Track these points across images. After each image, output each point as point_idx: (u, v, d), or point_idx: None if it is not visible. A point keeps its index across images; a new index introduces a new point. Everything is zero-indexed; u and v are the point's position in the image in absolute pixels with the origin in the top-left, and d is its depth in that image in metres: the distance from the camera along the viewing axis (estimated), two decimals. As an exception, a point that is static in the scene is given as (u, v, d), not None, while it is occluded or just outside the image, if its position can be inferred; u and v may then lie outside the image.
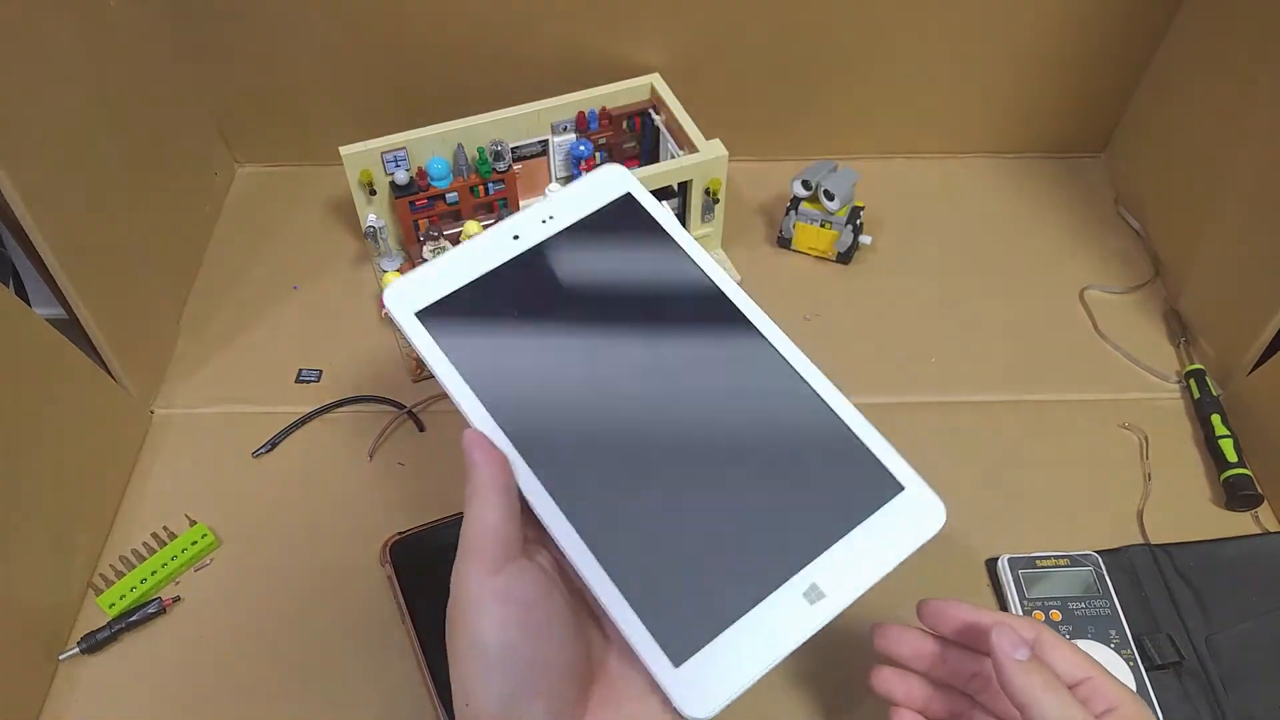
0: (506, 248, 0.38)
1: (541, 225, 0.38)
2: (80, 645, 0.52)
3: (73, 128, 0.56)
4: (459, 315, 0.37)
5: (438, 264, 0.38)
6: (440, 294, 0.37)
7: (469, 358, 0.36)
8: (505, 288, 0.37)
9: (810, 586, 0.32)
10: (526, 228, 0.38)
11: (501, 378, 0.36)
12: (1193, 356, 0.65)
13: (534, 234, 0.38)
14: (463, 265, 0.38)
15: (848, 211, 0.69)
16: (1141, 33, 0.70)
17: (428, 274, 0.37)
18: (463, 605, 0.32)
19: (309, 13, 0.68)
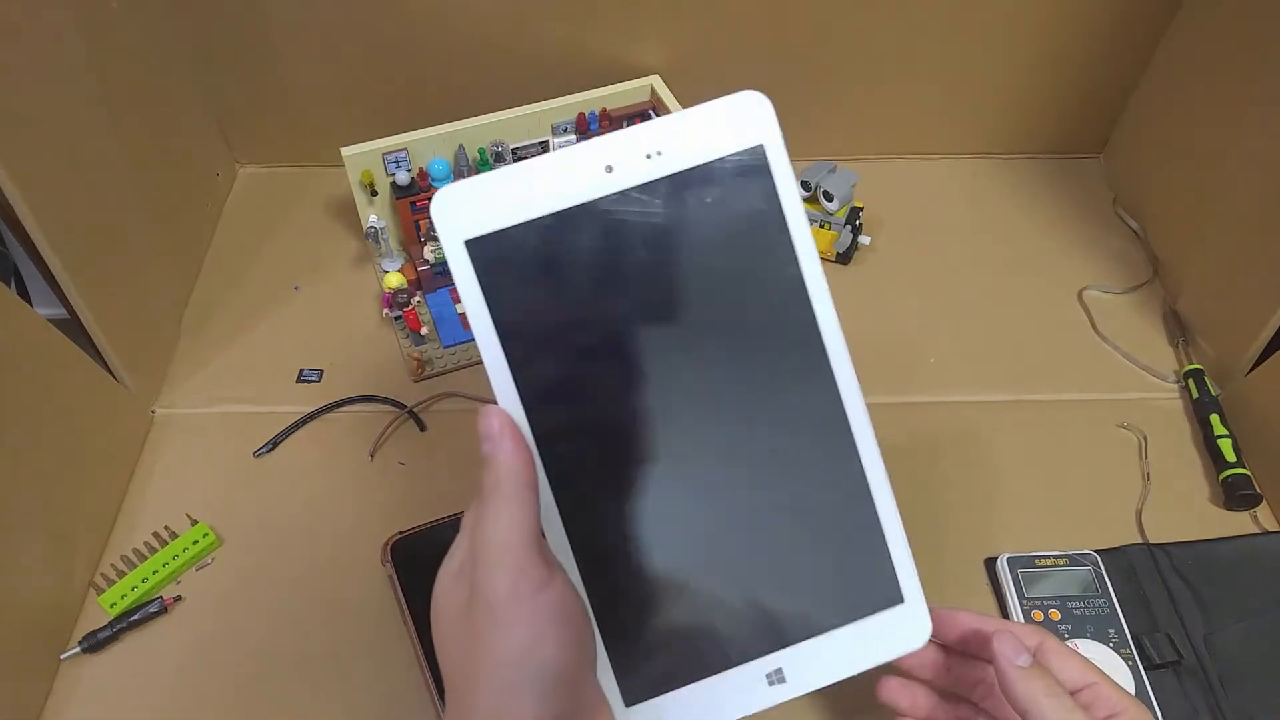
0: (595, 181, 0.31)
1: (645, 161, 0.31)
2: (82, 644, 0.52)
3: (74, 128, 0.56)
4: (516, 257, 0.30)
5: (507, 177, 0.30)
6: (502, 223, 0.30)
7: (513, 316, 0.30)
8: (579, 236, 0.30)
9: (775, 670, 0.31)
10: (625, 160, 0.31)
11: (542, 353, 0.30)
12: (1191, 356, 0.65)
13: (632, 171, 0.31)
14: (537, 188, 0.30)
15: (847, 212, 0.69)
16: (1140, 34, 0.71)
17: (492, 188, 0.30)
18: (501, 620, 0.28)
19: (311, 14, 0.68)
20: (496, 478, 0.30)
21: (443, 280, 0.69)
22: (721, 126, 0.34)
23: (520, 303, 0.30)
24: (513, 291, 0.30)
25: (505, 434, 0.30)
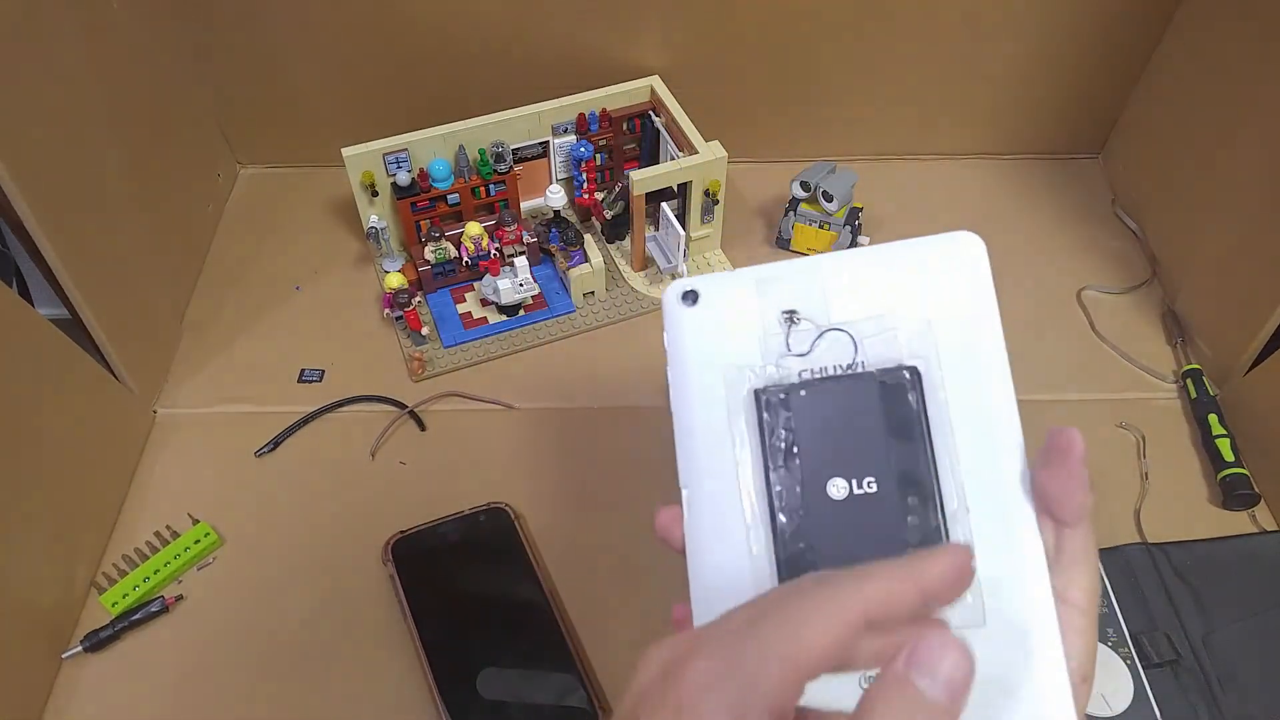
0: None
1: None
2: (83, 644, 0.52)
3: (76, 128, 0.56)
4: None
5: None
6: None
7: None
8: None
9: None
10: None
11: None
12: (1190, 356, 0.65)
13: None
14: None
15: (846, 213, 0.69)
16: (1138, 35, 0.71)
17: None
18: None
19: (312, 15, 0.68)
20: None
21: (443, 280, 0.69)
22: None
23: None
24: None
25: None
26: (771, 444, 0.32)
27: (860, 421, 0.31)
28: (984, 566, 0.30)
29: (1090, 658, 0.30)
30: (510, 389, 0.64)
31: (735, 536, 0.32)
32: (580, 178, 0.72)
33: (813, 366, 0.32)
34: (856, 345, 0.32)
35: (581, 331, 0.68)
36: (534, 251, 0.70)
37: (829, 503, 0.31)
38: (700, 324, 0.33)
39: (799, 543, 0.31)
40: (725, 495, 0.32)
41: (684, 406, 0.33)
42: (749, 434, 0.32)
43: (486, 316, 0.68)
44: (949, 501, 0.31)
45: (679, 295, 0.33)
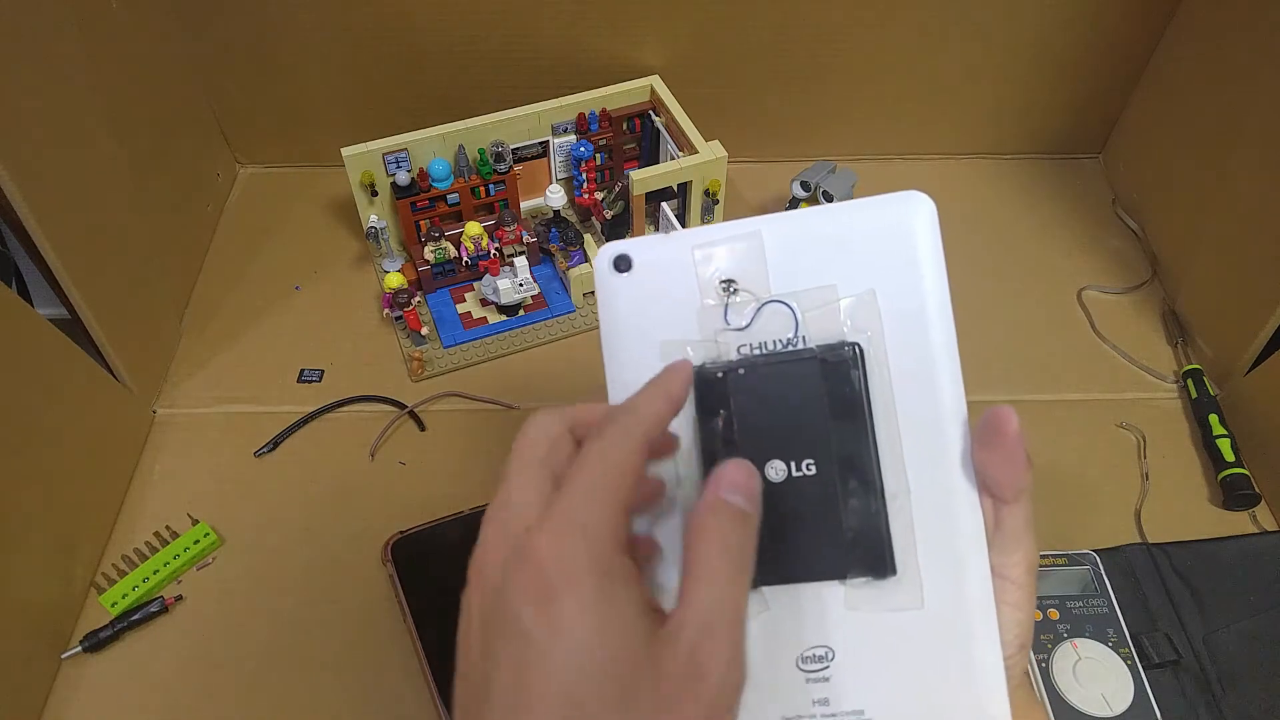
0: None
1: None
2: (83, 644, 0.52)
3: (75, 128, 0.56)
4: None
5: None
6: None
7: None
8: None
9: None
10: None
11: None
12: (1190, 356, 0.65)
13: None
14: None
15: (847, 212, 0.69)
16: (1139, 35, 0.71)
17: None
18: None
19: (311, 15, 0.68)
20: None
21: (443, 280, 0.69)
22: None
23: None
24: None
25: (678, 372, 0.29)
26: (709, 424, 0.31)
27: (801, 402, 0.30)
28: (924, 549, 0.30)
29: (1028, 627, 0.30)
30: (510, 389, 0.64)
31: (673, 516, 0.31)
32: (580, 177, 0.72)
33: (752, 342, 0.31)
34: (797, 319, 0.31)
35: (581, 331, 0.68)
36: (534, 251, 0.70)
37: (768, 486, 0.30)
38: (635, 292, 0.32)
39: None
40: (663, 475, 0.31)
41: (620, 381, 0.32)
42: (686, 413, 0.31)
43: (486, 316, 0.68)
44: (889, 483, 0.30)
45: (611, 261, 0.32)
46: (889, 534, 0.30)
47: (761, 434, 0.30)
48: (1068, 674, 0.49)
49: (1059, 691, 0.49)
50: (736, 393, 0.30)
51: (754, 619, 0.30)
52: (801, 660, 0.30)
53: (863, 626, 0.30)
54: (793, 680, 0.30)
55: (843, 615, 0.30)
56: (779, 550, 0.30)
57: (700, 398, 0.31)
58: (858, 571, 0.30)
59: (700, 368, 0.31)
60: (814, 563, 0.30)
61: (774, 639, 0.31)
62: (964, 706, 0.29)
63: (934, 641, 0.30)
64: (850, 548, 0.30)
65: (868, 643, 0.30)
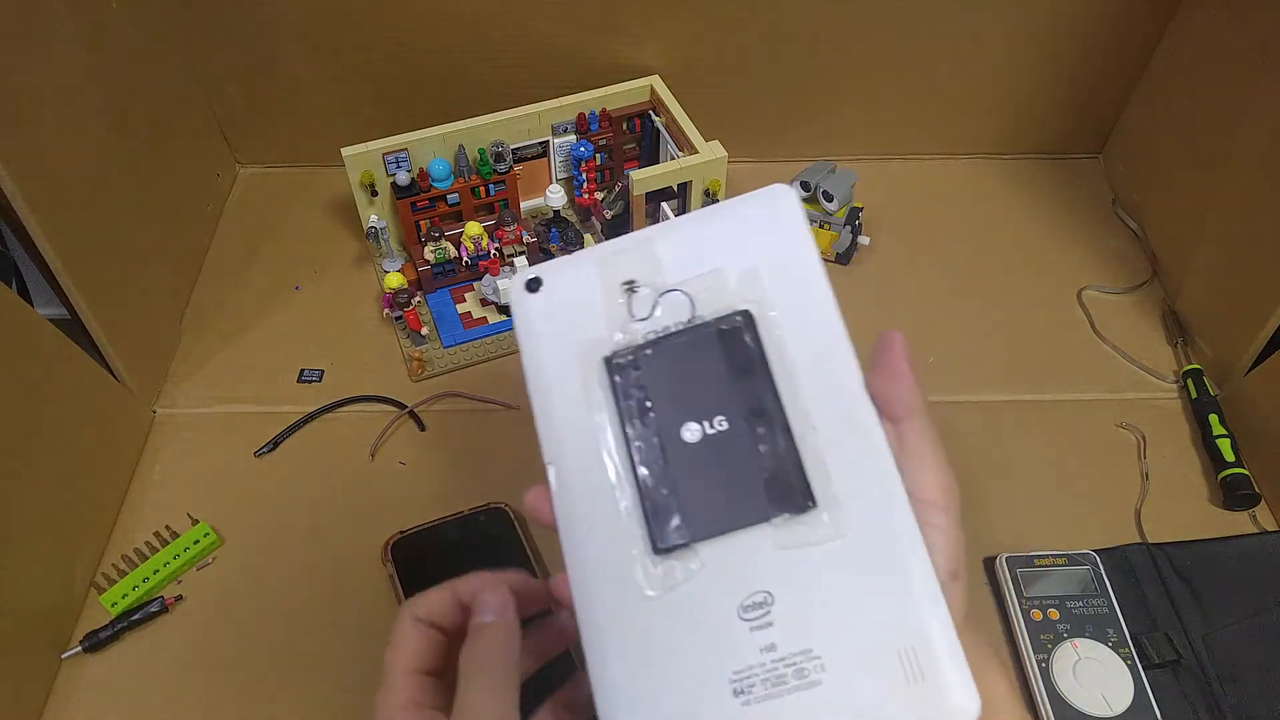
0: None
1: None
2: (83, 644, 0.52)
3: (75, 128, 0.56)
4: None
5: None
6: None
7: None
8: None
9: None
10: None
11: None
12: (1190, 356, 0.65)
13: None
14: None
15: (846, 212, 0.69)
16: (1139, 34, 0.71)
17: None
18: None
19: (312, 15, 0.68)
20: (484, 656, 0.32)
21: (443, 281, 0.69)
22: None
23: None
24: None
25: (507, 609, 0.33)
26: (626, 405, 0.34)
27: (704, 368, 0.34)
28: (839, 480, 0.32)
29: (957, 553, 0.31)
30: (510, 389, 0.64)
31: (603, 498, 0.33)
32: (580, 177, 0.72)
33: (656, 328, 0.34)
34: (693, 302, 0.34)
35: (581, 331, 0.68)
36: (534, 251, 0.70)
37: (685, 447, 0.33)
38: (547, 308, 0.36)
39: (663, 490, 0.33)
40: (589, 462, 0.34)
41: (541, 389, 0.35)
42: (604, 400, 0.34)
43: (486, 316, 0.68)
44: (796, 425, 0.33)
45: (523, 285, 0.36)
46: (803, 470, 0.33)
47: (673, 402, 0.34)
48: (1068, 674, 0.49)
49: (1059, 692, 0.49)
50: (646, 369, 0.34)
51: (689, 580, 0.33)
52: (743, 610, 0.32)
53: (796, 565, 0.32)
54: (737, 632, 0.32)
55: (775, 558, 0.32)
56: (704, 505, 0.33)
57: (615, 382, 0.34)
58: (780, 510, 0.32)
59: (611, 356, 0.34)
60: (738, 511, 0.33)
61: (713, 595, 0.32)
62: (907, 624, 0.31)
63: (866, 568, 0.32)
64: (769, 489, 0.33)
65: (804, 581, 0.32)
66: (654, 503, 0.33)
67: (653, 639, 0.32)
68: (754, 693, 0.32)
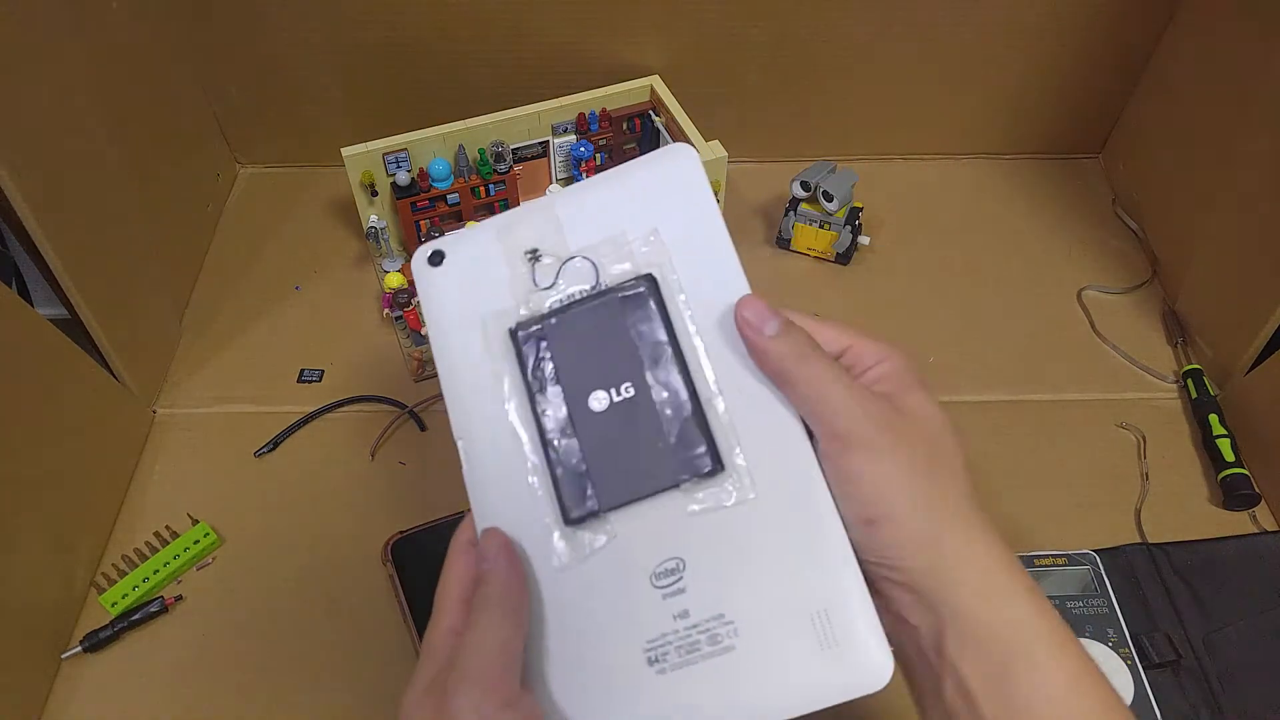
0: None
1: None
2: (83, 644, 0.52)
3: (75, 129, 0.56)
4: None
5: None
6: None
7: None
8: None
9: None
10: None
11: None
12: (1190, 356, 0.65)
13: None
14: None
15: (846, 212, 0.69)
16: (1139, 35, 0.71)
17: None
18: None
19: (311, 15, 0.68)
20: (488, 593, 0.31)
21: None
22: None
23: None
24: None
25: (502, 553, 0.32)
26: (533, 376, 0.34)
27: (610, 336, 0.34)
28: (746, 442, 0.32)
29: (892, 350, 0.33)
30: (510, 389, 0.64)
31: (513, 471, 0.33)
32: (580, 177, 0.72)
33: (561, 297, 0.34)
34: (597, 268, 0.34)
35: (581, 331, 0.68)
36: (534, 251, 0.70)
37: (593, 416, 0.33)
38: (450, 282, 0.35)
39: (572, 459, 0.33)
40: (498, 435, 0.34)
41: (448, 364, 0.35)
42: (511, 372, 0.34)
43: (486, 316, 0.68)
44: (701, 389, 0.33)
45: (425, 259, 0.35)
46: (709, 434, 0.33)
47: (579, 370, 0.34)
48: (1068, 674, 0.49)
49: (1059, 691, 0.49)
50: (552, 340, 0.34)
51: (601, 550, 0.33)
52: (655, 578, 0.32)
53: (707, 530, 0.32)
54: (650, 600, 0.32)
55: (686, 523, 0.32)
56: (614, 473, 0.33)
57: (520, 354, 0.34)
58: (687, 473, 0.32)
59: (516, 327, 0.34)
60: (648, 477, 0.33)
61: (625, 564, 0.32)
62: (818, 586, 0.31)
63: (776, 530, 0.32)
64: (676, 454, 0.32)
65: (714, 544, 0.32)
66: (564, 473, 0.33)
67: (566, 611, 0.32)
68: (669, 660, 0.31)
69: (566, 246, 0.35)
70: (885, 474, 0.30)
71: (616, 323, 0.33)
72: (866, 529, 0.30)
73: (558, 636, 0.32)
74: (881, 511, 0.30)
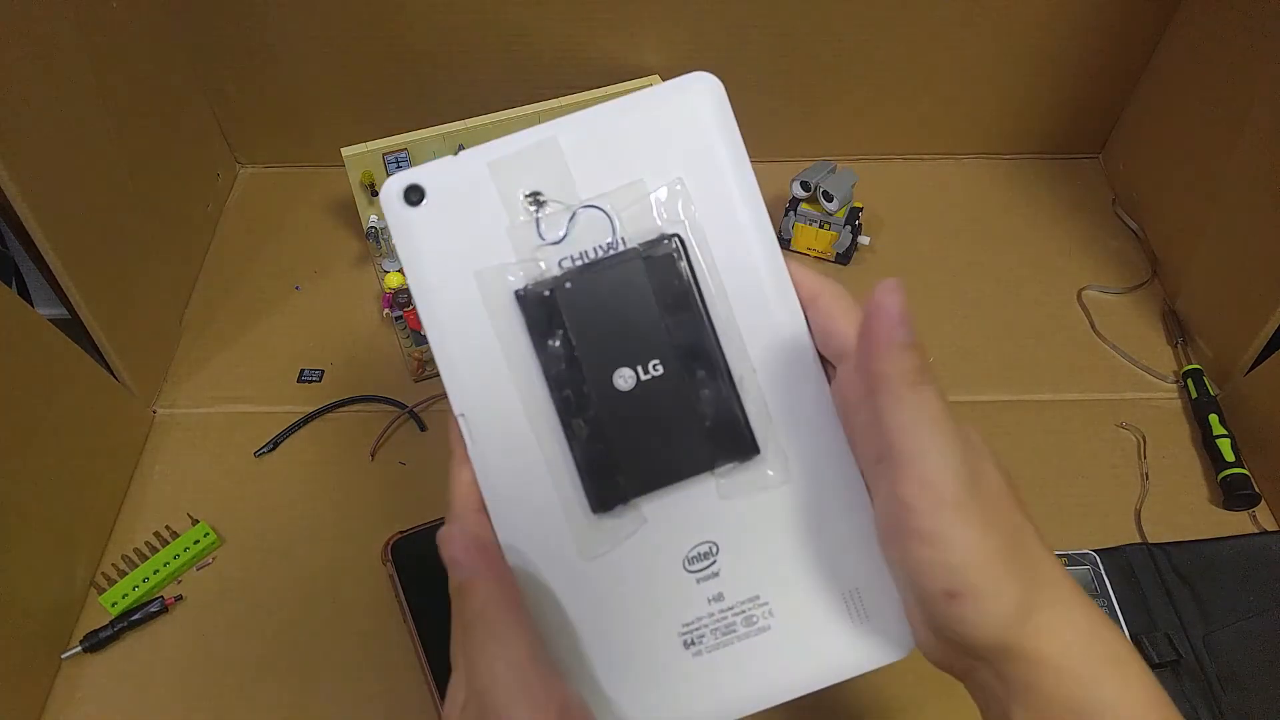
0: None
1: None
2: (83, 644, 0.52)
3: (75, 128, 0.56)
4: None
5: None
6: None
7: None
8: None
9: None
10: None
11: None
12: (1190, 356, 0.65)
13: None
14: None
15: (846, 212, 0.69)
16: (1139, 34, 0.71)
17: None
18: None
19: (311, 13, 0.68)
20: (477, 607, 0.27)
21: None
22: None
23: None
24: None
25: (477, 557, 0.28)
26: (548, 348, 0.30)
27: (633, 304, 0.30)
28: (781, 424, 0.30)
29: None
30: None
31: (529, 454, 0.30)
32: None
33: (572, 254, 0.30)
34: (613, 221, 0.30)
35: (581, 331, 0.68)
36: (534, 251, 0.70)
37: (619, 396, 0.30)
38: (435, 225, 0.30)
39: (597, 445, 0.30)
40: (509, 412, 0.30)
41: (439, 324, 0.30)
42: (519, 340, 0.30)
43: (486, 316, 0.68)
44: (735, 366, 0.30)
45: (399, 194, 0.30)
46: (745, 415, 0.30)
47: (602, 345, 0.30)
48: (1068, 674, 0.49)
49: (1059, 691, 0.49)
50: (568, 308, 0.29)
51: (633, 536, 0.30)
52: (688, 562, 0.31)
53: (740, 514, 0.31)
54: (684, 584, 0.30)
55: (719, 508, 0.30)
56: (644, 458, 0.30)
57: (532, 321, 0.30)
58: (724, 459, 0.30)
59: (525, 290, 0.30)
60: (681, 461, 0.30)
61: (657, 549, 0.31)
62: (852, 566, 0.30)
63: (812, 511, 0.30)
64: (711, 437, 0.30)
65: (748, 528, 0.31)
66: (588, 457, 0.30)
67: (598, 600, 0.30)
68: (704, 643, 0.30)
69: (575, 193, 0.30)
70: (974, 541, 0.25)
71: (640, 289, 0.29)
72: (946, 602, 0.26)
73: (591, 627, 0.30)
74: (969, 583, 0.26)
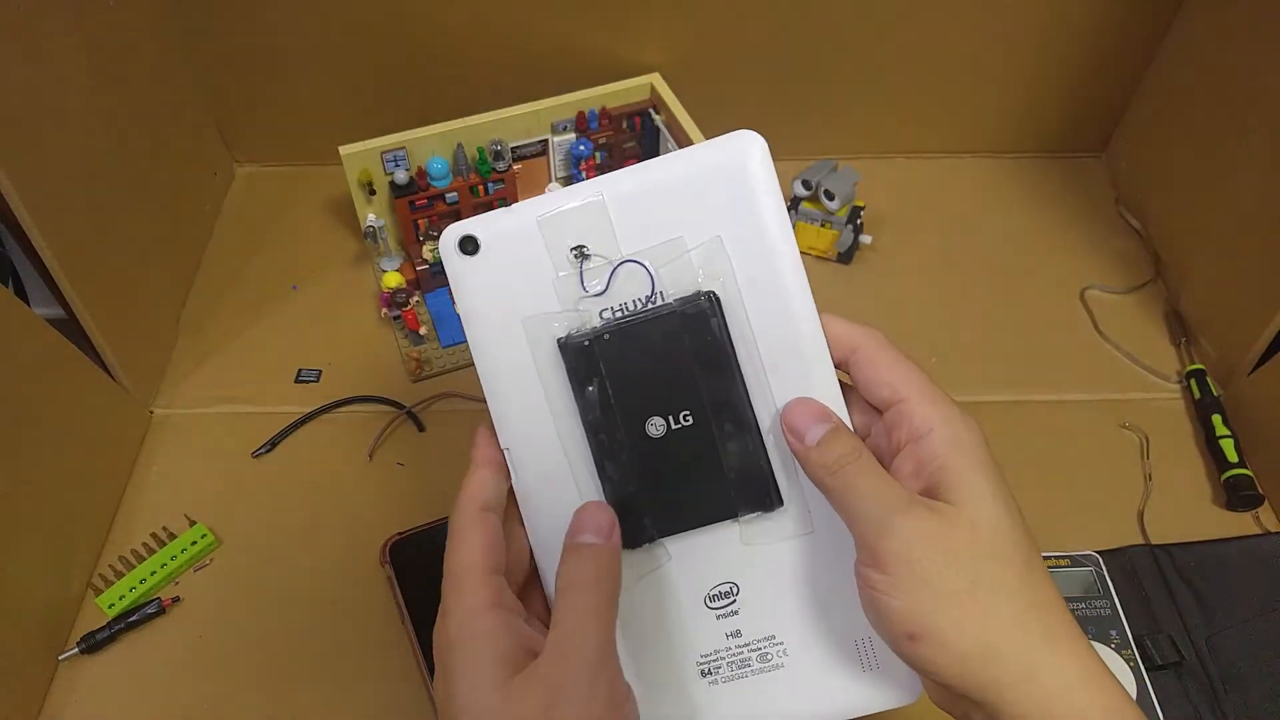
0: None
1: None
2: (80, 646, 0.52)
3: (72, 127, 0.56)
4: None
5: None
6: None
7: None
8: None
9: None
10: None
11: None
12: (1193, 356, 0.65)
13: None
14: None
15: (848, 211, 0.69)
16: (1142, 33, 0.70)
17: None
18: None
19: (309, 12, 0.68)
20: (588, 572, 0.30)
21: (441, 280, 0.69)
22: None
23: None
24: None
25: (615, 531, 0.31)
26: (586, 394, 0.32)
27: (668, 357, 0.32)
28: (806, 479, 0.32)
29: (945, 415, 0.32)
30: (509, 389, 0.64)
31: (565, 489, 0.32)
32: (580, 176, 0.71)
33: (612, 305, 0.32)
34: (652, 276, 0.32)
35: (581, 331, 0.67)
36: (533, 250, 0.69)
37: (650, 442, 0.32)
38: (488, 273, 0.32)
39: (628, 487, 0.32)
40: (548, 451, 0.32)
41: (489, 365, 0.33)
42: (560, 386, 0.32)
43: (485, 316, 0.68)
44: (764, 420, 0.32)
45: (456, 244, 0.32)
46: (771, 469, 0.32)
47: (636, 394, 0.32)
48: (1070, 676, 0.49)
49: (1061, 694, 0.49)
50: (605, 359, 0.32)
51: (657, 570, 0.33)
52: (709, 599, 0.33)
53: (762, 559, 0.33)
54: (704, 619, 0.33)
55: (742, 552, 0.33)
56: (671, 502, 0.32)
57: (572, 369, 0.32)
58: (747, 509, 0.32)
59: (565, 339, 0.32)
60: (705, 508, 0.32)
61: (680, 585, 0.33)
62: (863, 615, 0.31)
63: (828, 561, 0.32)
64: (736, 487, 0.32)
65: (769, 571, 0.33)
66: (620, 499, 0.32)
67: (624, 623, 0.32)
68: (720, 674, 0.33)
69: (618, 247, 0.32)
70: (925, 600, 0.28)
71: (675, 343, 0.31)
72: (909, 644, 0.28)
73: (616, 647, 0.32)
74: (923, 628, 0.28)
